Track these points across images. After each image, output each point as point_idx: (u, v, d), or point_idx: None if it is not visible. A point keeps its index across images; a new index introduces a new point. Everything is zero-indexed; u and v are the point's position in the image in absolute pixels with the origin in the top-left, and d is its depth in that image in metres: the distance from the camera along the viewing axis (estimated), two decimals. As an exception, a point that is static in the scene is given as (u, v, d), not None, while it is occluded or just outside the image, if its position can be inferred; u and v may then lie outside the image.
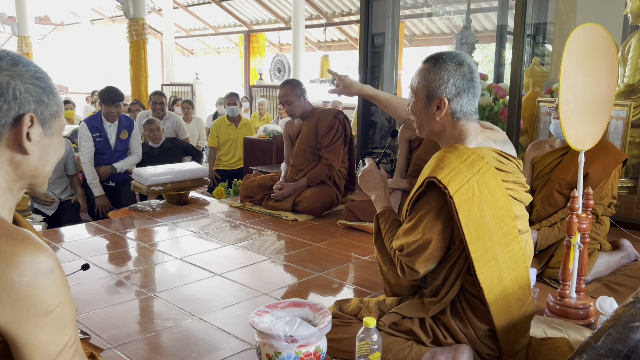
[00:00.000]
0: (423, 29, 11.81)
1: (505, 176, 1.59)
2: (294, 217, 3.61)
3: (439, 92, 1.60)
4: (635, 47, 3.79)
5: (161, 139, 4.98)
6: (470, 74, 1.61)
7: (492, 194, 1.53)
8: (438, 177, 1.50)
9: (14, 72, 0.95)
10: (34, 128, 0.97)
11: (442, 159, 1.54)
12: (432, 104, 1.62)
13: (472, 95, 1.63)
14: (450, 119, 1.62)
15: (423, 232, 1.54)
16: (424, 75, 1.63)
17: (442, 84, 1.60)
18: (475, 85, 1.63)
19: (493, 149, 1.63)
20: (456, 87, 1.59)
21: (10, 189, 0.98)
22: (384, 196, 1.85)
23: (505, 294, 1.54)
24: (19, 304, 0.83)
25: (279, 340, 1.49)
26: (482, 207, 1.50)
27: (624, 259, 2.67)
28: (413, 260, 1.56)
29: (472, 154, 1.55)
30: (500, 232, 1.53)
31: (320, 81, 11.49)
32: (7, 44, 16.23)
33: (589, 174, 2.56)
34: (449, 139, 1.65)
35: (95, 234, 3.29)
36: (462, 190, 1.49)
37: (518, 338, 1.59)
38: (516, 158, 1.68)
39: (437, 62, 1.62)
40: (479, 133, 1.65)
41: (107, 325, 2.00)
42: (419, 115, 1.68)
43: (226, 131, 6.04)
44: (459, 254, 1.56)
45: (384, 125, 4.98)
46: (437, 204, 1.54)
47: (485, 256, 1.51)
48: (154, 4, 11.09)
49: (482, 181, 1.52)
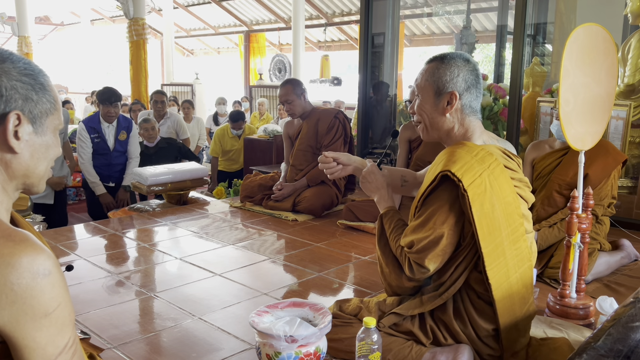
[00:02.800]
0: (423, 29, 11.81)
1: (512, 174, 1.60)
2: (294, 217, 3.61)
3: (449, 86, 1.60)
4: (635, 47, 3.78)
5: (156, 138, 4.96)
6: (476, 71, 1.63)
7: (502, 190, 1.54)
8: (452, 170, 1.49)
9: (1, 69, 0.92)
10: (22, 126, 0.94)
11: (453, 153, 1.54)
12: (442, 99, 1.62)
13: (479, 92, 1.64)
14: (459, 115, 1.62)
15: (434, 226, 1.54)
16: (431, 72, 1.63)
17: (452, 78, 1.60)
18: (480, 83, 1.65)
19: (498, 147, 1.64)
20: (466, 82, 1.60)
21: (4, 188, 0.96)
22: (387, 196, 1.83)
23: (510, 291, 1.55)
24: (18, 306, 0.83)
25: (279, 340, 1.49)
26: (493, 202, 1.51)
27: (624, 259, 2.67)
28: (423, 256, 1.55)
29: (481, 150, 1.56)
30: (509, 229, 1.54)
31: (320, 81, 11.50)
32: (7, 44, 16.22)
33: (589, 175, 2.56)
34: (456, 137, 1.65)
35: (95, 234, 3.29)
36: (475, 184, 1.49)
37: (519, 337, 1.59)
38: (517, 157, 1.68)
39: (445, 59, 1.63)
40: (483, 132, 1.67)
41: (107, 325, 2.00)
42: (428, 113, 1.66)
43: (230, 142, 6.14)
44: (468, 251, 1.56)
45: (384, 125, 4.98)
46: (449, 198, 1.53)
47: (495, 252, 1.51)
48: (154, 4, 11.09)
49: (492, 176, 1.52)
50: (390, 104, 4.95)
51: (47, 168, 1.02)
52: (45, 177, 1.02)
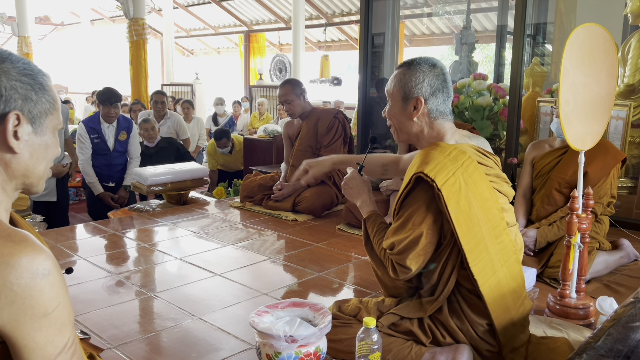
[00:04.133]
0: (423, 29, 11.81)
1: (487, 170, 1.63)
2: (294, 217, 3.61)
3: (415, 92, 1.64)
4: (635, 47, 3.78)
5: (156, 138, 4.96)
6: (443, 75, 1.67)
7: (477, 186, 1.57)
8: (425, 172, 1.53)
9: (0, 69, 0.92)
10: (21, 126, 0.94)
11: (427, 155, 1.58)
12: (408, 104, 1.66)
13: (446, 95, 1.67)
14: (427, 119, 1.66)
15: (413, 227, 1.57)
16: (399, 78, 1.68)
17: (417, 84, 1.64)
18: (448, 86, 1.68)
19: (471, 145, 1.67)
20: (431, 87, 1.64)
21: (3, 189, 0.96)
22: (368, 201, 1.85)
23: (499, 285, 1.57)
24: (17, 306, 0.83)
25: (279, 340, 1.49)
26: (469, 199, 1.54)
27: (623, 258, 2.67)
28: (404, 257, 1.57)
29: (454, 149, 1.59)
30: (489, 224, 1.56)
31: (320, 81, 11.50)
32: (7, 44, 16.23)
33: (588, 173, 2.56)
34: (428, 139, 1.69)
35: (95, 234, 3.29)
36: (449, 182, 1.52)
37: (517, 333, 1.60)
38: (493, 155, 1.71)
39: (412, 65, 1.67)
40: (455, 132, 1.70)
41: (107, 325, 2.00)
42: (397, 118, 1.71)
43: (222, 157, 6.31)
44: (451, 249, 1.58)
45: (384, 125, 4.97)
46: (425, 198, 1.56)
47: (477, 248, 1.54)
48: (154, 4, 11.09)
49: (466, 174, 1.55)
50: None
51: (46, 168, 1.02)
52: (44, 177, 1.02)
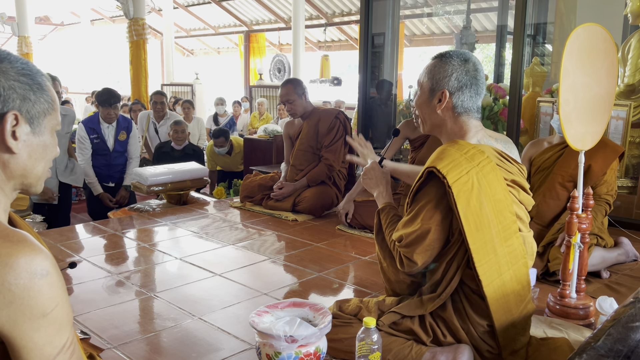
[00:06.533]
0: (423, 29, 11.81)
1: (506, 174, 1.61)
2: (294, 217, 3.61)
3: (441, 84, 1.64)
4: (635, 47, 3.78)
5: (185, 142, 4.95)
6: (475, 72, 1.64)
7: (491, 188, 1.55)
8: (437, 167, 1.53)
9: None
10: (20, 126, 0.94)
11: (443, 151, 1.58)
12: (434, 96, 1.66)
13: (475, 92, 1.65)
14: (450, 113, 1.65)
15: (422, 222, 1.57)
16: (429, 70, 1.68)
17: (445, 77, 1.64)
18: (479, 83, 1.66)
19: (494, 147, 1.65)
20: (459, 82, 1.63)
21: (1, 189, 0.96)
22: (385, 192, 1.89)
23: (503, 288, 1.56)
24: (15, 307, 0.83)
25: (279, 340, 1.49)
26: (481, 200, 1.53)
27: (620, 256, 2.67)
28: (411, 250, 1.58)
29: (472, 148, 1.58)
30: (500, 226, 1.55)
31: (320, 81, 11.50)
32: (7, 44, 16.23)
33: (592, 166, 2.58)
34: (450, 134, 1.68)
35: (95, 234, 3.29)
36: (461, 181, 1.51)
37: (517, 335, 1.60)
38: (519, 163, 1.69)
39: (444, 57, 1.66)
40: (479, 130, 1.68)
41: (107, 325, 2.00)
42: (422, 108, 1.72)
43: (221, 159, 6.27)
44: (458, 247, 1.57)
45: (384, 124, 4.97)
46: (436, 194, 1.56)
47: (484, 249, 1.53)
48: (154, 4, 11.09)
49: (481, 174, 1.54)
50: (391, 103, 4.95)
51: (45, 168, 1.02)
52: (43, 178, 1.02)
